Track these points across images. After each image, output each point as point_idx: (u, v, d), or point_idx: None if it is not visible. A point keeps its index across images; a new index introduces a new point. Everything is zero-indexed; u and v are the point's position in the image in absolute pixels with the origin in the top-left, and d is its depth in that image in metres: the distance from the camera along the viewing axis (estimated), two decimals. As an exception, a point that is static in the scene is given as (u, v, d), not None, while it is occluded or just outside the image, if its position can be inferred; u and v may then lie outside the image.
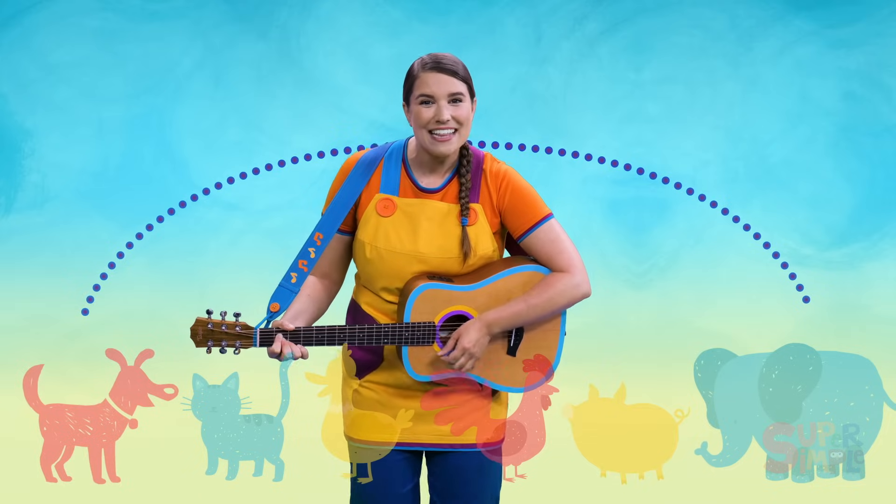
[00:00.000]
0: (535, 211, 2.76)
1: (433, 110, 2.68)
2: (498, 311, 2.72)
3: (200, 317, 2.70)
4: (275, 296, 2.76)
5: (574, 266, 2.75)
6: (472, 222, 2.75)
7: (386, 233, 2.75)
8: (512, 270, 2.76)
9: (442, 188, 2.77)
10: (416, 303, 2.71)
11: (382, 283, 2.78)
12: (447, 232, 2.75)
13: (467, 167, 2.76)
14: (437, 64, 2.69)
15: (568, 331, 2.84)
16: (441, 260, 2.74)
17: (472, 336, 2.70)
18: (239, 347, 2.70)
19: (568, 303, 2.76)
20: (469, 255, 2.74)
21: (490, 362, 2.78)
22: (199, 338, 2.70)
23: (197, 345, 2.71)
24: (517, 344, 2.79)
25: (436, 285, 2.72)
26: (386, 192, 2.77)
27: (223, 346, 2.70)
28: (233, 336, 2.70)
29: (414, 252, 2.74)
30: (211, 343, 2.70)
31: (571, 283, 2.74)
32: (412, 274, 2.75)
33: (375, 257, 2.76)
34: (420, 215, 2.75)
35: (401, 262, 2.75)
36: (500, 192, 2.77)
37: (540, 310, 2.73)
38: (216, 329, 2.69)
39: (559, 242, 2.76)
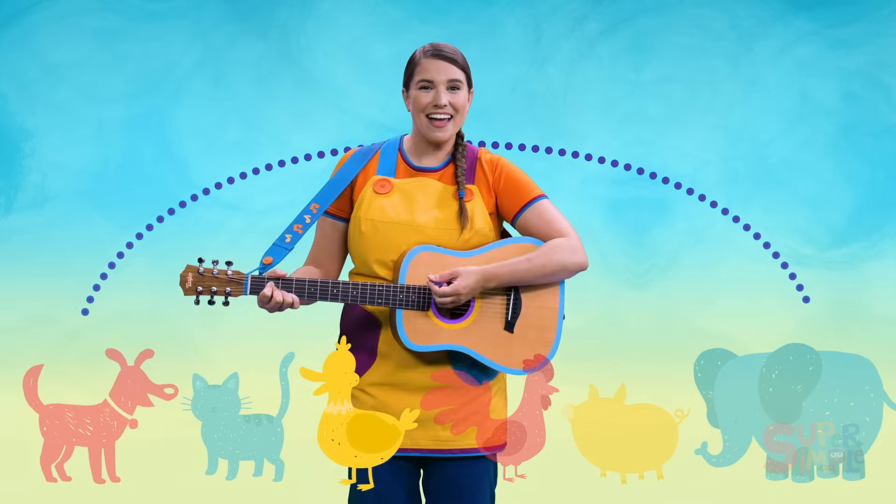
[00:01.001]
0: (528, 190, 2.82)
1: (431, 95, 2.75)
2: (499, 266, 2.73)
3: (191, 264, 2.68)
4: (269, 251, 2.76)
5: (570, 234, 2.80)
6: (469, 199, 2.78)
7: (381, 207, 2.76)
8: (510, 241, 2.80)
9: (439, 169, 2.82)
10: (412, 265, 2.71)
11: (376, 255, 2.76)
12: (444, 206, 2.78)
13: (462, 152, 2.82)
14: (438, 51, 2.77)
15: (568, 331, 2.84)
16: (438, 231, 2.75)
17: (469, 281, 2.70)
18: (229, 295, 2.67)
19: (566, 265, 2.77)
20: (466, 227, 2.75)
21: (486, 336, 2.76)
22: (188, 285, 2.67)
23: (185, 292, 2.67)
24: (515, 318, 2.78)
25: (433, 248, 2.73)
26: (382, 174, 2.80)
27: (212, 293, 2.66)
28: (223, 282, 2.67)
29: (411, 222, 2.75)
30: (200, 290, 2.66)
31: (570, 247, 2.77)
32: (408, 246, 2.75)
33: (370, 230, 2.76)
34: (417, 191, 2.78)
35: (397, 232, 2.75)
36: (496, 175, 2.82)
37: (539, 270, 2.75)
38: (206, 274, 2.67)
39: (553, 217, 2.81)
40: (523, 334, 2.78)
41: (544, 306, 2.80)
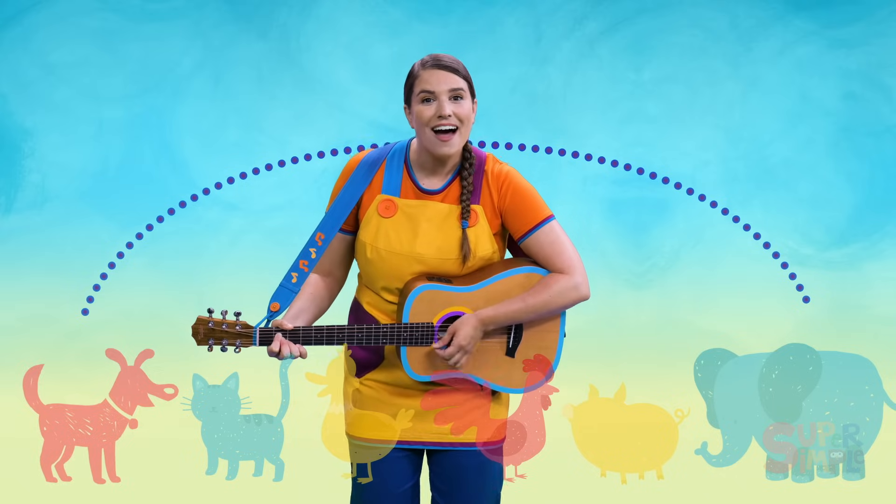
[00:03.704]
0: (535, 212, 2.76)
1: (434, 107, 2.69)
2: (494, 309, 2.72)
3: (201, 315, 2.72)
4: (275, 296, 2.77)
5: (573, 268, 2.75)
6: (473, 224, 2.76)
7: (386, 233, 2.76)
8: (511, 272, 2.76)
9: (443, 189, 2.78)
10: (415, 303, 2.72)
11: (383, 283, 2.79)
12: (447, 234, 2.75)
13: (469, 170, 2.76)
14: (437, 62, 2.71)
15: (568, 331, 2.84)
16: (440, 261, 2.75)
17: (467, 332, 2.71)
18: (239, 346, 2.72)
19: (565, 304, 2.76)
20: (468, 258, 2.75)
21: (489, 363, 2.78)
22: (200, 336, 2.72)
23: (198, 343, 2.73)
24: (516, 345, 2.79)
25: (434, 286, 2.73)
26: (387, 193, 2.78)
27: (224, 344, 2.72)
28: (233, 335, 2.72)
29: (412, 253, 2.74)
30: (212, 342, 2.72)
31: (570, 285, 2.74)
32: (411, 275, 2.76)
33: (376, 258, 2.76)
34: (420, 217, 2.76)
35: (400, 262, 2.75)
36: (502, 194, 2.77)
37: (537, 310, 2.73)
38: (217, 328, 2.71)
39: (559, 244, 2.76)
40: (524, 357, 2.80)
41: (545, 330, 2.80)
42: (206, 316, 2.72)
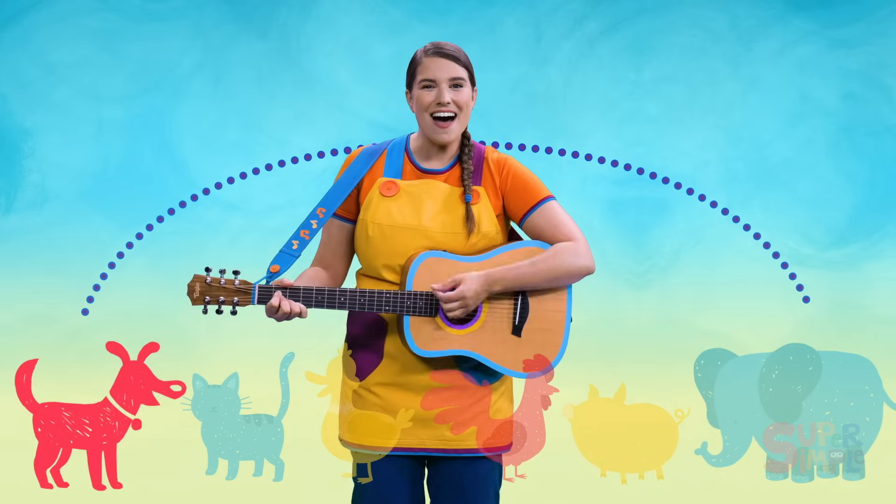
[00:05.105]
0: (536, 192, 2.80)
1: (434, 94, 2.73)
2: (503, 270, 2.71)
3: (198, 273, 2.67)
4: (276, 259, 2.75)
5: (577, 238, 2.78)
6: (475, 202, 2.77)
7: (388, 210, 2.75)
8: (516, 245, 2.78)
9: (445, 171, 2.80)
10: (419, 270, 2.70)
11: (384, 260, 2.75)
12: (451, 209, 2.76)
13: (468, 153, 2.80)
14: (439, 50, 2.75)
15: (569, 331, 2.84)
16: (445, 235, 2.74)
17: (473, 286, 2.69)
18: (237, 304, 2.66)
19: (570, 272, 2.76)
20: (473, 231, 2.75)
21: (494, 341, 2.76)
22: (195, 294, 2.65)
23: (193, 302, 2.66)
24: (522, 323, 2.78)
25: (439, 254, 2.72)
26: (389, 176, 2.79)
27: (220, 303, 2.65)
28: (230, 291, 2.66)
29: (418, 226, 2.74)
30: (208, 300, 2.65)
31: (575, 251, 2.76)
32: (415, 250, 2.74)
33: (377, 234, 2.75)
34: (423, 194, 2.77)
35: (404, 236, 2.74)
36: (503, 176, 2.80)
37: (544, 274, 2.74)
38: (214, 284, 2.66)
39: (560, 220, 2.79)
40: (530, 338, 2.78)
41: (551, 309, 2.79)
42: (203, 274, 2.66)
